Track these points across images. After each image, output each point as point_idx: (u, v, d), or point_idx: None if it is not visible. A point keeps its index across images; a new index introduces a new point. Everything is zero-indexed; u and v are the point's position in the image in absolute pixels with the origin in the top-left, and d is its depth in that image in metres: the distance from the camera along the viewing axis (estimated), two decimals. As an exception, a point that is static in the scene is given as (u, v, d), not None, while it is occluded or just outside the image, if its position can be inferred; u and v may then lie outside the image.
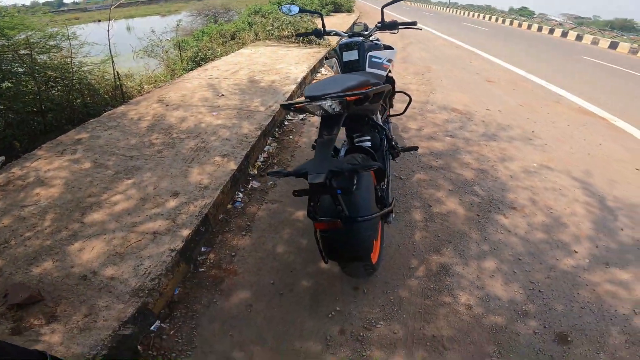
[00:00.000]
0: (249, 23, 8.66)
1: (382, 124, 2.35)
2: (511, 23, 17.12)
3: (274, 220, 2.27)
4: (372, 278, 1.84)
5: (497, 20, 18.20)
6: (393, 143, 2.17)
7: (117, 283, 1.63)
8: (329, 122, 1.41)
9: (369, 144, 1.94)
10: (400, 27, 2.41)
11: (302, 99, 1.42)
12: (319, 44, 6.92)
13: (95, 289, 1.60)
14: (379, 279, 1.85)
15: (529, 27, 16.05)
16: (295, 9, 2.44)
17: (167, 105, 3.50)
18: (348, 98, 1.28)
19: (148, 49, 7.18)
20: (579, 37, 13.24)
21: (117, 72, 4.10)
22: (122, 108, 3.49)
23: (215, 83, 4.24)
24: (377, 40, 2.44)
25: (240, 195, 2.50)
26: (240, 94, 3.86)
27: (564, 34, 14.07)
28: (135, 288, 1.60)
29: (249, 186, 2.60)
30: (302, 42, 6.90)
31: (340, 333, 1.59)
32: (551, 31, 14.82)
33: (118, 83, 4.15)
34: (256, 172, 2.75)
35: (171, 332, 1.59)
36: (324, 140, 1.36)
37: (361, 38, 2.25)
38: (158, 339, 1.56)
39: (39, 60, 3.73)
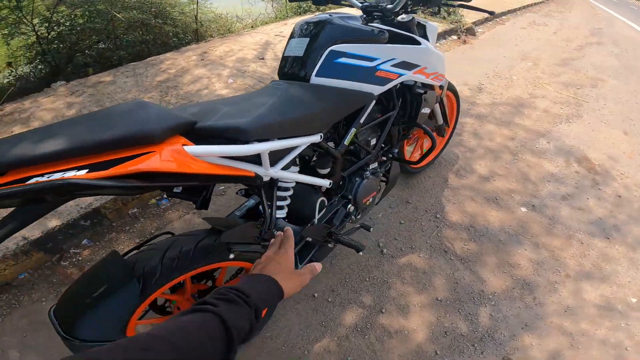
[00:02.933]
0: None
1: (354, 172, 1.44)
2: None
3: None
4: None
5: None
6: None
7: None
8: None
9: (283, 213, 1.19)
10: (445, 3, 1.37)
11: None
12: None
13: None
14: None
15: None
16: None
17: (202, 60, 3.21)
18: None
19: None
20: None
21: (196, 15, 4.01)
22: (167, 55, 3.38)
23: (274, 42, 3.69)
24: (414, 20, 1.36)
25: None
26: (283, 64, 3.23)
27: None
28: None
29: (195, 185, 2.13)
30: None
31: None
32: None
33: (195, 27, 4.08)
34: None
35: None
36: None
37: (348, 18, 1.27)
38: None
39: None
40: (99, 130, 0.68)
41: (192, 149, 0.76)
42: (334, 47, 1.14)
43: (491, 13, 1.49)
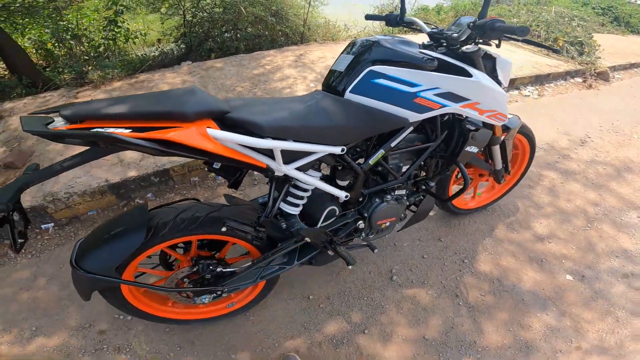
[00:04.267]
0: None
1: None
2: None
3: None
4: None
5: None
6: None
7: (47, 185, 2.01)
8: None
9: (295, 210, 1.31)
10: (507, 37, 1.23)
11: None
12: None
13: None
14: None
15: None
16: None
17: (296, 61, 3.54)
18: None
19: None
20: None
21: (305, 19, 4.40)
22: (270, 52, 3.82)
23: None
24: (479, 51, 1.29)
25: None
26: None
27: None
28: (49, 192, 1.95)
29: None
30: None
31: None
32: None
33: (302, 30, 4.48)
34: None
35: (47, 237, 1.94)
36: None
37: (402, 42, 1.27)
38: (41, 233, 1.95)
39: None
40: (152, 104, 0.92)
41: (214, 132, 0.91)
42: (374, 68, 1.15)
43: (556, 51, 1.34)
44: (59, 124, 0.85)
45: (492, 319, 1.63)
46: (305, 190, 1.28)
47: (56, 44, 4.26)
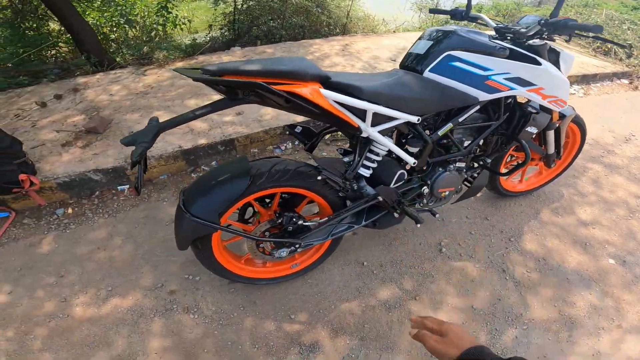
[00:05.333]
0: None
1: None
2: None
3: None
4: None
5: None
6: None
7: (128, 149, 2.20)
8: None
9: (367, 172, 1.45)
10: (579, 34, 1.41)
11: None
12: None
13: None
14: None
15: None
16: None
17: (342, 50, 3.68)
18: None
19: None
20: None
21: (349, 11, 4.52)
22: (317, 41, 3.97)
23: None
24: (546, 45, 1.46)
25: (289, 145, 2.56)
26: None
27: None
28: (129, 154, 2.13)
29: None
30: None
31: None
32: None
33: (345, 22, 4.61)
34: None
35: (122, 198, 2.14)
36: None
37: (475, 32, 1.40)
38: (117, 194, 2.15)
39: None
40: (277, 65, 1.07)
41: (324, 91, 1.10)
42: (452, 52, 1.32)
43: (623, 46, 1.46)
44: (205, 76, 1.03)
45: (537, 295, 1.72)
46: (378, 155, 1.44)
47: (113, 28, 4.56)
